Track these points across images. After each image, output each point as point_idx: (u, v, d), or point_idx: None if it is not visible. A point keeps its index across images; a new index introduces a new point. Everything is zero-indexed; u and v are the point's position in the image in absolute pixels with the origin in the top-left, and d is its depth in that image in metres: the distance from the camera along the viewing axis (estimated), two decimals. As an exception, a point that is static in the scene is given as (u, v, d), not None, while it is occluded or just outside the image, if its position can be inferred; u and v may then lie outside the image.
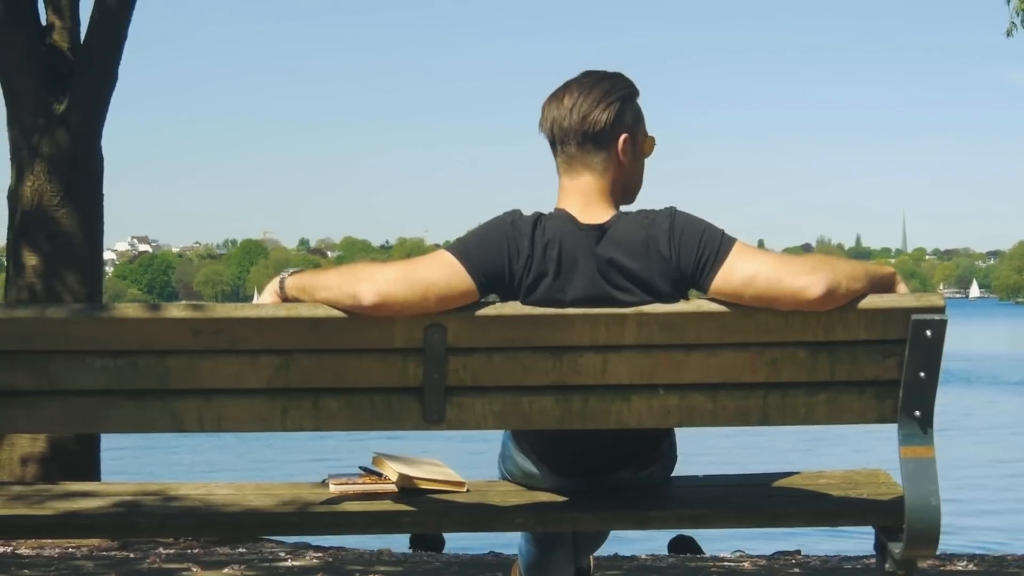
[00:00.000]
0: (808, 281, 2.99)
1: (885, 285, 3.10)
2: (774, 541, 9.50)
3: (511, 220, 3.14)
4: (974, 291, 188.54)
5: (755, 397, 3.09)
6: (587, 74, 3.29)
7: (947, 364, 3.20)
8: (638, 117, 3.29)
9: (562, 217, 3.16)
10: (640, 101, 3.30)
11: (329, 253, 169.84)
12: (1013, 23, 12.31)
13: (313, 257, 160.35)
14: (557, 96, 3.26)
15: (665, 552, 8.80)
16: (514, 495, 3.33)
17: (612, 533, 3.69)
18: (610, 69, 3.31)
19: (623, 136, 3.23)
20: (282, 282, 3.11)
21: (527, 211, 3.17)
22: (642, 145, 3.30)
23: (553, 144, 3.27)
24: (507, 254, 3.10)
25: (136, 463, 18.06)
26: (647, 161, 3.33)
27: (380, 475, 3.36)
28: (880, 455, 4.09)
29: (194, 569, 6.44)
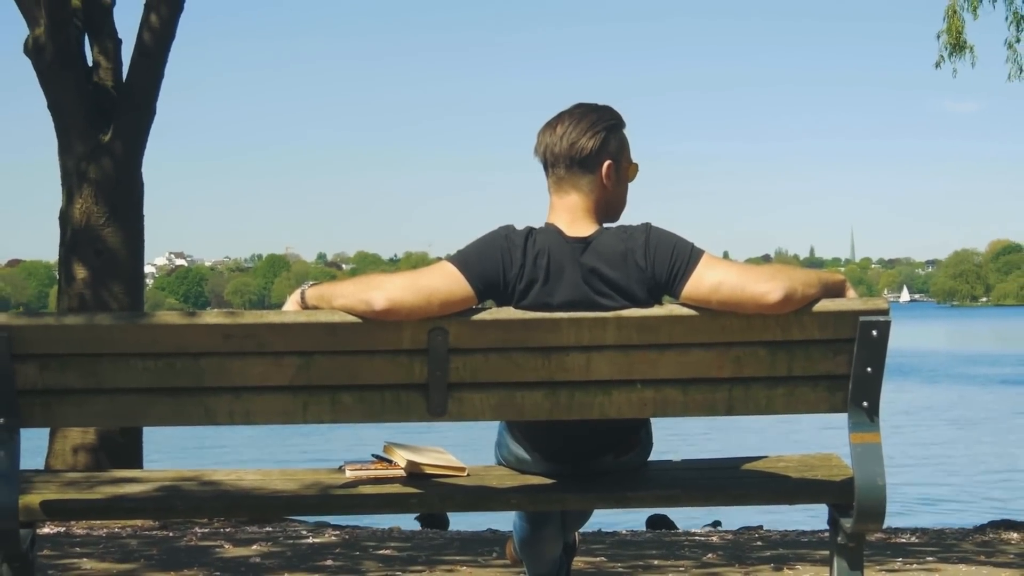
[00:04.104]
0: (768, 287, 3.00)
1: (836, 290, 3.10)
2: (740, 519, 9.51)
3: (505, 234, 3.14)
4: (904, 296, 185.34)
5: (721, 390, 3.09)
6: (578, 106, 3.29)
7: (891, 360, 3.21)
8: (622, 145, 3.28)
9: (551, 231, 3.16)
10: (626, 131, 3.30)
11: (344, 266, 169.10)
12: (942, 56, 12.36)
13: (330, 269, 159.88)
14: (551, 125, 3.26)
15: (643, 528, 8.81)
16: (509, 479, 3.32)
17: (595, 511, 3.69)
18: (600, 102, 3.31)
19: (607, 162, 3.23)
20: (303, 293, 3.11)
21: (519, 226, 3.17)
22: (626, 171, 3.29)
23: (545, 166, 3.27)
24: (502, 264, 3.10)
25: (175, 452, 18.05)
26: (632, 184, 3.32)
27: (390, 462, 3.35)
28: (833, 441, 4.09)
29: (226, 546, 6.43)
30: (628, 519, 9.20)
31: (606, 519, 8.91)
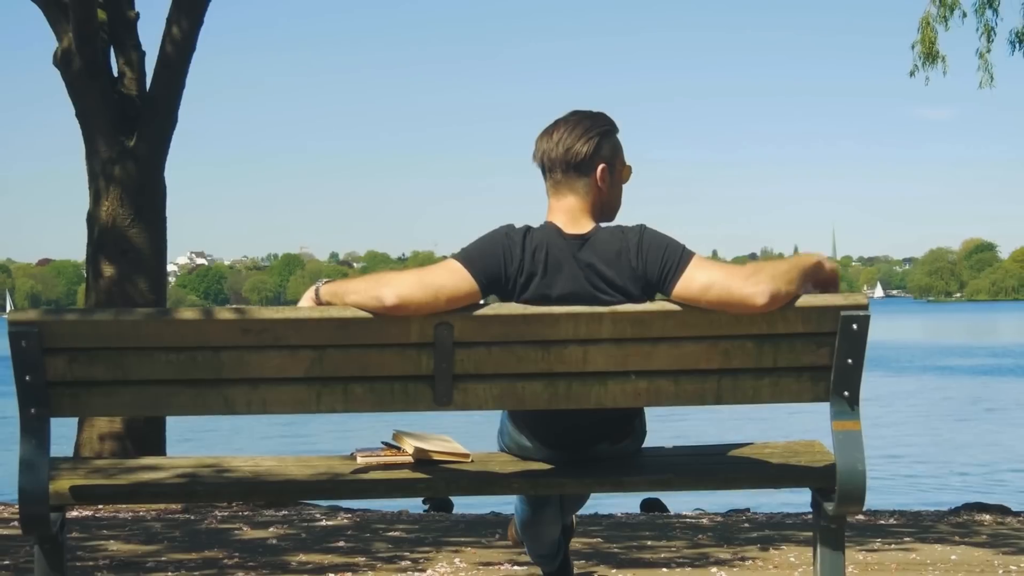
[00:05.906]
0: (754, 291, 2.98)
1: (814, 272, 3.10)
2: (729, 502, 9.50)
3: (505, 232, 3.14)
4: (878, 292, 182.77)
5: (711, 381, 3.08)
6: (573, 113, 3.29)
7: (870, 352, 3.21)
8: (616, 150, 3.27)
9: (549, 228, 3.16)
10: (620, 137, 3.29)
11: (355, 264, 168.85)
12: (916, 65, 12.33)
13: (342, 267, 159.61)
14: (548, 131, 3.25)
15: (637, 511, 8.81)
16: (511, 464, 3.32)
17: (592, 495, 3.69)
18: (595, 109, 3.31)
19: (601, 165, 3.22)
20: (317, 289, 3.10)
21: (518, 225, 3.17)
22: (619, 173, 3.29)
23: (543, 171, 3.26)
24: (503, 259, 3.09)
25: (196, 440, 18.05)
26: (626, 186, 3.32)
27: (399, 449, 3.35)
28: (816, 428, 4.09)
29: (244, 528, 6.43)
30: (623, 502, 9.19)
31: (602, 502, 8.92)
